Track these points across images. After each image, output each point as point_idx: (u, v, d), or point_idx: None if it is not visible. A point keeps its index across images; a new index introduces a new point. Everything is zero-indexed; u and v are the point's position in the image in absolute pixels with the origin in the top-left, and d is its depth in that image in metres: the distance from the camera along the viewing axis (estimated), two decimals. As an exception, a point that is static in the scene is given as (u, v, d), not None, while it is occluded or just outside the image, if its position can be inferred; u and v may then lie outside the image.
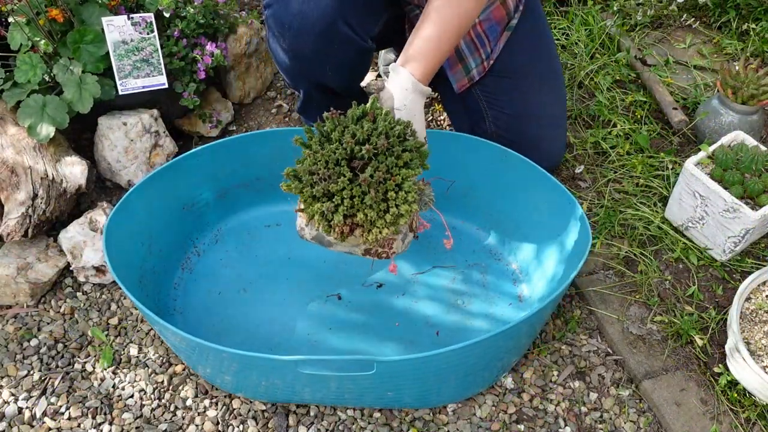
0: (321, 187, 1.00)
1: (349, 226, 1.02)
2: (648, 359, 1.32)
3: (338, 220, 1.00)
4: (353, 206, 1.00)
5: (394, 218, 1.01)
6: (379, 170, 1.00)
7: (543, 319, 1.28)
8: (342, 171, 1.00)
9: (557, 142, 1.56)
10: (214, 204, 1.52)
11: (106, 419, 1.28)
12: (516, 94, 1.49)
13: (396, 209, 1.00)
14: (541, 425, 1.27)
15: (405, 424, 1.27)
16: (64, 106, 1.48)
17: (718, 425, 1.23)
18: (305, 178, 1.02)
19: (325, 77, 1.43)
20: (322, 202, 1.01)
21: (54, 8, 1.47)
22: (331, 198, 1.01)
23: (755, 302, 1.31)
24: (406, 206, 1.01)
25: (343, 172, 1.00)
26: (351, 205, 1.00)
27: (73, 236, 1.44)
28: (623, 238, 1.52)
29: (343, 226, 1.02)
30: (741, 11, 2.01)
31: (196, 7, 1.60)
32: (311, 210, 1.02)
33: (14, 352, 1.37)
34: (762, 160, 1.40)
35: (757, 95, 1.60)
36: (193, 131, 1.75)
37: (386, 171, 1.01)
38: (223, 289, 1.44)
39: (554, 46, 1.57)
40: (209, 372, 1.25)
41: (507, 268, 1.47)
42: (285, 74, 1.48)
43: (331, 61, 1.38)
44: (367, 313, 1.39)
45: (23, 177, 1.45)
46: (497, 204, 1.47)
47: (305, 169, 1.01)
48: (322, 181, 1.00)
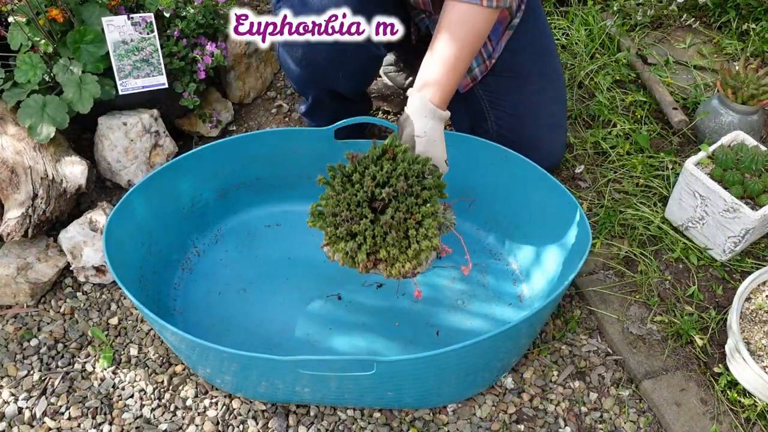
0: (344, 228, 1.05)
1: (373, 262, 1.07)
2: (648, 359, 1.32)
3: (362, 258, 1.05)
4: (375, 244, 1.05)
5: (415, 253, 1.06)
6: (399, 210, 1.04)
7: (543, 319, 1.28)
8: (364, 212, 1.05)
9: (558, 142, 1.56)
10: (214, 204, 1.52)
11: (106, 419, 1.28)
12: (518, 94, 1.49)
13: (417, 245, 1.05)
14: (541, 425, 1.27)
15: (405, 424, 1.27)
16: (64, 106, 1.48)
17: (718, 425, 1.23)
18: (329, 219, 1.06)
19: (336, 84, 1.43)
20: (346, 242, 1.05)
21: (54, 8, 1.47)
22: (354, 237, 1.05)
23: (755, 302, 1.31)
24: (426, 242, 1.05)
25: (365, 214, 1.05)
26: (373, 243, 1.05)
27: (73, 236, 1.44)
28: (623, 238, 1.52)
29: (367, 262, 1.07)
30: (741, 11, 2.00)
31: (196, 7, 1.60)
32: (336, 248, 1.07)
33: (14, 352, 1.37)
34: (762, 160, 1.40)
35: (757, 95, 1.60)
36: (193, 131, 1.75)
37: (406, 211, 1.05)
38: (223, 289, 1.44)
39: (555, 46, 1.57)
40: (209, 372, 1.25)
41: (507, 268, 1.47)
42: (295, 82, 1.48)
43: (344, 68, 1.38)
44: (367, 313, 1.39)
45: (23, 177, 1.45)
46: (497, 204, 1.47)
47: (329, 211, 1.06)
48: (345, 222, 1.05)
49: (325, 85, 1.44)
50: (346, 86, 1.45)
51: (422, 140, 1.13)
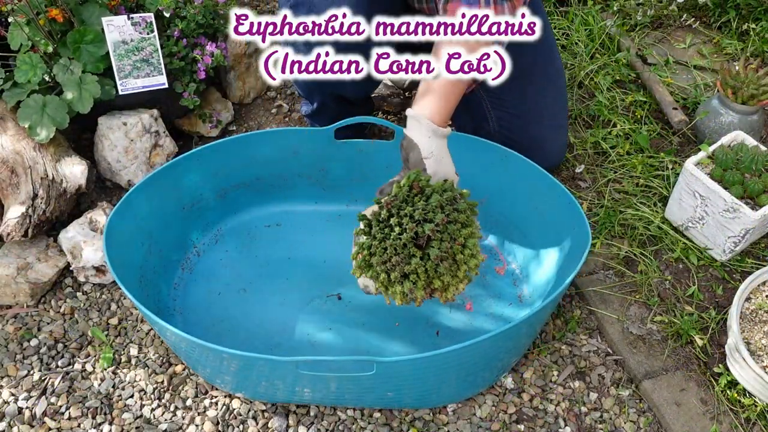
0: (397, 271, 1.07)
1: (429, 293, 1.10)
2: (648, 359, 1.32)
3: (420, 295, 1.08)
4: (429, 277, 1.08)
5: (465, 274, 1.10)
6: (444, 241, 1.07)
7: (543, 319, 1.28)
8: (411, 252, 1.07)
9: (559, 143, 1.56)
10: (214, 204, 1.52)
11: (106, 419, 1.28)
12: (519, 94, 1.49)
13: (466, 266, 1.09)
14: (541, 425, 1.27)
15: (405, 424, 1.27)
16: (64, 106, 1.48)
17: (718, 425, 1.23)
18: (380, 268, 1.08)
19: (343, 90, 1.43)
20: (401, 284, 1.08)
21: (54, 8, 1.47)
22: (408, 277, 1.08)
23: (755, 302, 1.31)
24: (474, 261, 1.09)
25: (413, 253, 1.07)
26: (426, 277, 1.08)
27: (73, 236, 1.44)
28: (623, 238, 1.52)
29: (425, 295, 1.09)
30: (741, 11, 2.01)
31: (196, 7, 1.60)
32: (392, 292, 1.09)
33: (14, 352, 1.37)
34: (762, 160, 1.40)
35: (757, 95, 1.60)
36: (193, 131, 1.75)
37: (450, 239, 1.08)
38: (223, 289, 1.44)
39: (556, 47, 1.57)
40: (209, 372, 1.25)
41: (507, 268, 1.47)
42: (302, 89, 1.48)
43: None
44: (367, 313, 1.39)
45: (23, 177, 1.45)
46: (497, 204, 1.47)
47: (378, 261, 1.07)
48: (398, 266, 1.07)
49: (333, 91, 1.45)
50: (353, 91, 1.45)
51: (431, 161, 1.14)
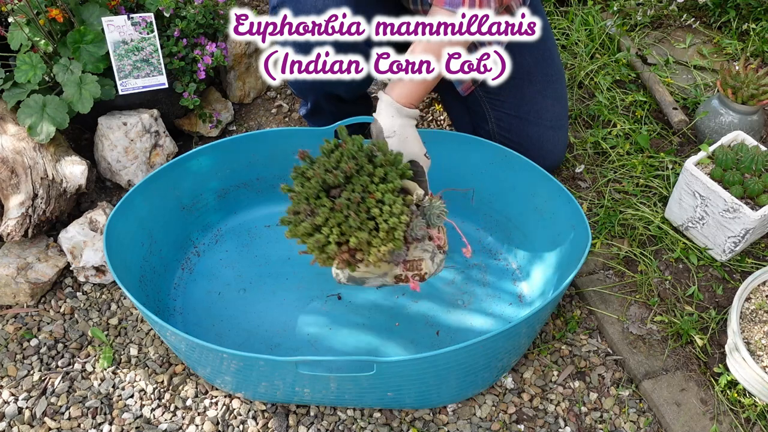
0: (308, 223, 1.02)
1: (348, 252, 1.04)
2: (648, 359, 1.32)
3: (332, 249, 1.02)
4: (343, 233, 1.02)
5: (386, 234, 1.02)
6: (355, 191, 1.02)
7: (543, 319, 1.28)
8: (322, 202, 1.03)
9: (559, 143, 1.56)
10: (214, 204, 1.52)
11: (106, 419, 1.28)
12: (519, 95, 1.49)
13: (385, 224, 1.02)
14: (541, 425, 1.27)
15: (405, 424, 1.27)
16: (64, 106, 1.48)
17: (718, 425, 1.23)
18: (293, 219, 1.04)
19: (337, 89, 1.43)
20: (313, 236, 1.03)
21: (54, 8, 1.47)
22: (320, 230, 1.03)
23: (755, 302, 1.31)
24: (394, 219, 1.02)
25: (324, 203, 1.02)
26: (341, 232, 1.02)
27: (73, 236, 1.44)
28: (623, 238, 1.52)
29: (342, 253, 1.04)
30: (741, 11, 2.01)
31: (196, 7, 1.60)
32: (309, 247, 1.04)
33: (14, 352, 1.37)
34: (762, 160, 1.40)
35: (757, 95, 1.60)
36: (193, 131, 1.75)
37: (363, 190, 1.02)
38: (223, 289, 1.44)
39: (556, 48, 1.57)
40: (209, 372, 1.25)
41: (507, 268, 1.47)
42: (295, 89, 1.48)
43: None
44: (367, 313, 1.39)
45: (23, 177, 1.45)
46: (497, 204, 1.47)
47: (291, 210, 1.04)
48: (308, 217, 1.02)
49: (328, 90, 1.44)
50: (347, 90, 1.45)
51: (393, 139, 1.13)
